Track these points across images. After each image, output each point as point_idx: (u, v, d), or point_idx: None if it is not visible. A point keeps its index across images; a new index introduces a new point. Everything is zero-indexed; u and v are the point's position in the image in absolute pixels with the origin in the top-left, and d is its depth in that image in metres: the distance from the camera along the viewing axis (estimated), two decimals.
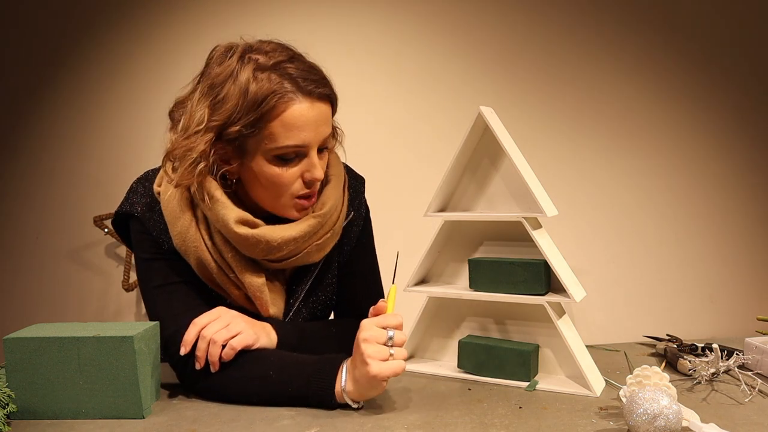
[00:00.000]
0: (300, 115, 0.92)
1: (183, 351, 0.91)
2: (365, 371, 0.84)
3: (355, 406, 0.87)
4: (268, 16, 2.28)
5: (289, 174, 0.95)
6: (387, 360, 0.85)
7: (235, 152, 0.95)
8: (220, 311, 0.95)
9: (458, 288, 1.09)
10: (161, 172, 1.02)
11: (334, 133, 1.07)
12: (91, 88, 2.41)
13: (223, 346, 0.91)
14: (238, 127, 0.91)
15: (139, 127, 2.38)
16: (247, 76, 0.90)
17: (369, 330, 0.87)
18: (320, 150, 0.99)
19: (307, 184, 0.97)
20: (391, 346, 0.86)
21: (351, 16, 2.36)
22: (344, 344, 1.05)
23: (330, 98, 0.98)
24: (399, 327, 0.88)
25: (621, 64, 2.39)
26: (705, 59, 2.42)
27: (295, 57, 0.96)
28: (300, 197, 0.98)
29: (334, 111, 1.01)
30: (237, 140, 0.93)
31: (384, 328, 0.87)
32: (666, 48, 2.40)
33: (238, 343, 0.91)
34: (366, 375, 0.84)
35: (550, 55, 2.38)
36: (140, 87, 2.40)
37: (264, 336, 0.96)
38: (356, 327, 1.12)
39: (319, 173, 0.97)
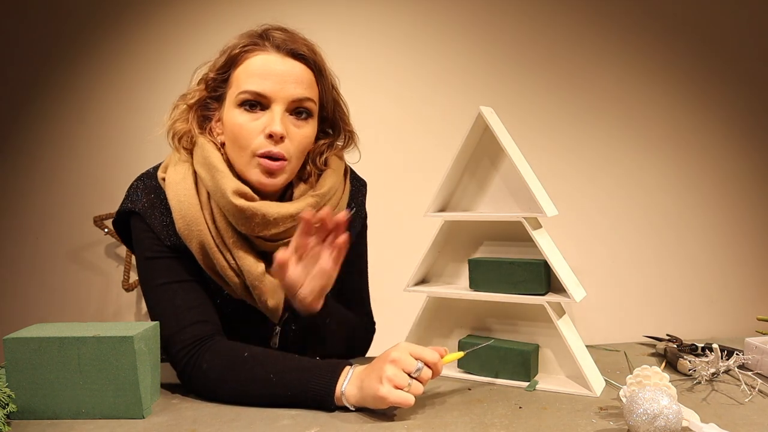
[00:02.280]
0: (263, 63, 0.96)
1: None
2: (375, 388, 0.83)
3: (352, 408, 0.87)
4: (264, 15, 2.28)
5: (251, 126, 0.96)
6: (401, 388, 0.83)
7: (217, 103, 1.01)
8: None
9: (458, 288, 1.09)
10: (165, 161, 1.04)
11: (352, 136, 1.09)
12: (90, 87, 2.41)
13: None
14: (213, 74, 0.99)
15: (138, 127, 2.38)
16: (237, 40, 0.99)
17: (401, 352, 0.86)
18: (296, 115, 0.99)
19: (268, 138, 0.96)
20: (415, 378, 0.85)
21: (351, 15, 2.36)
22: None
23: (305, 60, 0.99)
24: (433, 364, 0.87)
25: (622, 64, 2.39)
26: (708, 60, 2.42)
27: (284, 29, 1.01)
28: (262, 155, 0.96)
29: (317, 79, 1.01)
30: (216, 89, 1.00)
31: (417, 358, 0.86)
32: (668, 48, 2.40)
33: None
34: (374, 392, 0.83)
35: (551, 56, 2.38)
36: (140, 87, 2.40)
37: None
38: (361, 326, 1.13)
39: (277, 128, 0.95)
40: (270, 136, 0.96)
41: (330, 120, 1.08)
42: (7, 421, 0.85)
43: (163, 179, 1.01)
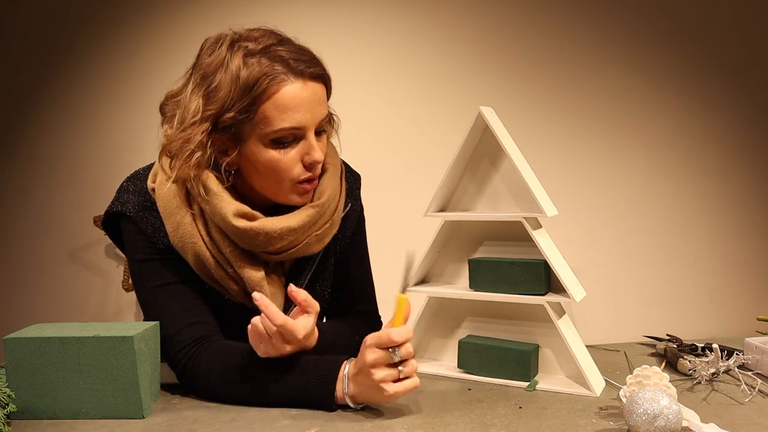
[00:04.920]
0: (293, 95, 0.92)
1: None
2: (380, 396, 0.84)
3: (354, 407, 0.87)
4: (262, 15, 2.28)
5: (288, 158, 0.94)
6: (398, 379, 0.83)
7: (231, 141, 0.95)
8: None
9: (458, 288, 1.09)
10: (154, 168, 1.01)
11: (331, 119, 1.06)
12: (90, 87, 2.41)
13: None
14: (232, 114, 0.91)
15: (138, 127, 2.38)
16: (237, 62, 0.91)
17: (373, 353, 0.84)
18: (318, 133, 0.98)
19: (308, 167, 0.96)
20: (399, 363, 0.84)
21: (349, 14, 2.36)
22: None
23: (323, 78, 0.97)
24: (403, 341, 0.84)
25: (622, 64, 2.39)
26: (707, 59, 2.42)
27: (284, 40, 0.97)
28: (301, 181, 0.97)
29: (328, 92, 1.00)
30: (232, 127, 0.93)
31: (387, 347, 0.84)
32: (667, 48, 2.40)
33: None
34: (381, 399, 0.84)
35: (551, 55, 2.38)
36: (139, 86, 2.40)
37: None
38: (367, 328, 1.13)
39: (318, 155, 0.95)
40: (311, 165, 0.95)
41: None
42: (7, 421, 0.85)
43: (153, 189, 0.99)
